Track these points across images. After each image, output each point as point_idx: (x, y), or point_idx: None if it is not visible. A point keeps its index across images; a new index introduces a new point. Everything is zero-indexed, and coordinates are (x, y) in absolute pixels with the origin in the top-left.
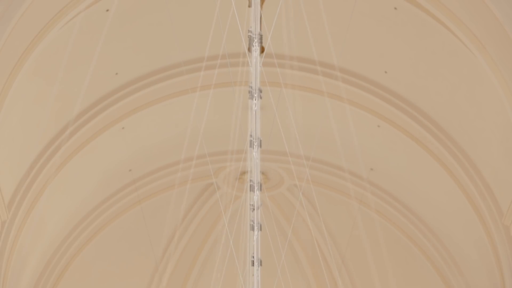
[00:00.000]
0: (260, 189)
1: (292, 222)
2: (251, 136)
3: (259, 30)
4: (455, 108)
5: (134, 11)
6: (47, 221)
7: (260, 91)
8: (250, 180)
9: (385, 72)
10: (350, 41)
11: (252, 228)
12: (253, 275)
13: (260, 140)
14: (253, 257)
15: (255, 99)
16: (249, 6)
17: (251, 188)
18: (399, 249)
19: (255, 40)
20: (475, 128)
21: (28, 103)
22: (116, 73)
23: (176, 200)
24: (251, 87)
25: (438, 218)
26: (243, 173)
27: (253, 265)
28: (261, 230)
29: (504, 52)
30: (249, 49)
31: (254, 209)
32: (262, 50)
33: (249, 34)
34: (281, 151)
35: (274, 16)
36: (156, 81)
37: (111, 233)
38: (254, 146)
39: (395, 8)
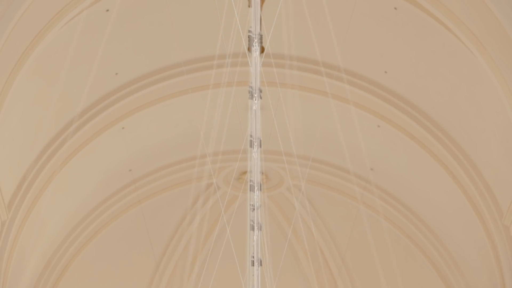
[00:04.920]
0: (260, 189)
1: (292, 222)
2: (251, 136)
3: (259, 30)
4: (455, 108)
5: (134, 11)
6: (47, 221)
7: (260, 91)
8: (250, 180)
9: (385, 72)
10: (350, 41)
11: (252, 228)
12: (253, 275)
13: (260, 140)
14: (253, 257)
15: (255, 99)
16: (249, 6)
17: (251, 188)
18: (399, 249)
19: (255, 40)
20: (475, 128)
21: (28, 103)
22: (116, 73)
23: (176, 200)
24: (251, 87)
25: (438, 218)
26: (243, 173)
27: (253, 265)
28: (261, 230)
29: (504, 52)
30: (249, 49)
31: (254, 209)
32: (262, 50)
33: (249, 34)
34: (281, 151)
35: (274, 16)
36: (156, 81)
37: (111, 233)
38: (254, 146)
39: (395, 8)
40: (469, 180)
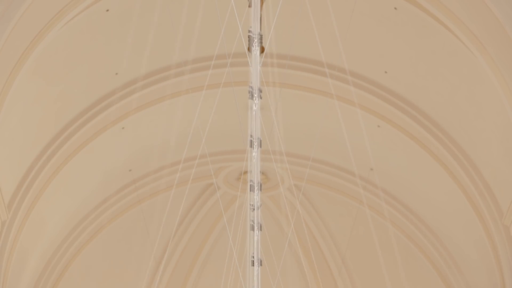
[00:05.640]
0: (260, 189)
1: (292, 222)
2: (251, 136)
3: (259, 30)
4: (455, 108)
5: (134, 11)
6: (47, 221)
7: (260, 91)
8: (250, 180)
9: (385, 72)
10: (350, 41)
11: (252, 228)
12: (253, 275)
13: (260, 140)
14: (253, 257)
15: (255, 99)
16: (249, 6)
17: (251, 188)
18: (399, 249)
19: (255, 40)
20: (475, 128)
21: (28, 103)
22: (116, 73)
23: (176, 200)
24: (251, 87)
25: (438, 218)
26: (243, 173)
27: (253, 265)
28: (261, 230)
29: (504, 52)
30: (249, 49)
31: (254, 209)
32: (262, 50)
33: (249, 34)
34: (281, 151)
35: (274, 16)
36: (156, 81)
37: (111, 233)
38: (254, 146)
39: (395, 8)
40: (469, 180)
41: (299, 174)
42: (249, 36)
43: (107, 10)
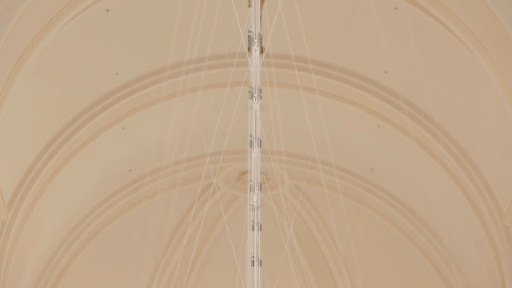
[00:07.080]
0: (260, 189)
1: (292, 222)
2: (251, 136)
3: (259, 30)
4: (455, 108)
5: (134, 11)
6: (47, 221)
7: (260, 91)
8: (250, 180)
9: (385, 72)
10: (350, 41)
11: (252, 228)
12: (253, 275)
13: (260, 140)
14: (253, 257)
15: (255, 99)
16: (249, 6)
17: (251, 188)
18: (399, 249)
19: (255, 40)
20: (475, 128)
21: (28, 103)
22: (116, 73)
23: (176, 200)
24: (251, 87)
25: (438, 218)
26: (243, 173)
27: (253, 265)
28: (261, 230)
29: (504, 52)
30: (249, 49)
31: (254, 209)
32: (262, 50)
33: (249, 34)
34: (281, 151)
35: (274, 16)
36: (156, 81)
37: (111, 233)
38: (254, 146)
39: (395, 8)
40: (469, 180)
41: (299, 174)
42: (249, 36)
43: (107, 10)
